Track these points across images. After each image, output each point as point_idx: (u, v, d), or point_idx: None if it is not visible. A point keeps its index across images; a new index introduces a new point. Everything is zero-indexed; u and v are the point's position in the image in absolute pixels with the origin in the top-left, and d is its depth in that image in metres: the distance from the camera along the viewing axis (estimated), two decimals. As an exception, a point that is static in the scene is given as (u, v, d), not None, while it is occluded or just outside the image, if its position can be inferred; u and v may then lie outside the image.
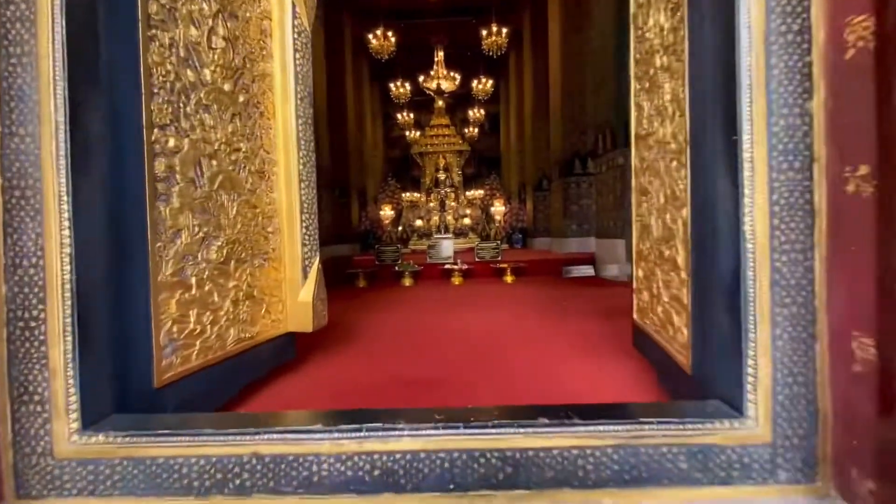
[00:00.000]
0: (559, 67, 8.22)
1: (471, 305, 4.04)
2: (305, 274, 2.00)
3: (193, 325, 1.46)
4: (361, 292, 5.33)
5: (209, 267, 1.53)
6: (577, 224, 8.24)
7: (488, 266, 6.34)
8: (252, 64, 1.79)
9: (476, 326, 3.06)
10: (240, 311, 1.68)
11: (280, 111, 1.94)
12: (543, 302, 4.10)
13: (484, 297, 4.59)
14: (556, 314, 3.43)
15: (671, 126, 1.43)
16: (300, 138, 1.97)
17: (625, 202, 5.48)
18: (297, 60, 1.97)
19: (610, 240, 5.87)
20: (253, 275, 1.76)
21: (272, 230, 1.90)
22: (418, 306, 4.14)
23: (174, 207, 1.40)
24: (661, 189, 1.55)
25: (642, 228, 1.84)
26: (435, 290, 5.29)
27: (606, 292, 4.64)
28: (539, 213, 10.75)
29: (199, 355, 1.48)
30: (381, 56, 10.06)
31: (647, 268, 1.77)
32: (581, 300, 4.11)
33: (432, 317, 3.52)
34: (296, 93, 1.96)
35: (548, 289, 5.10)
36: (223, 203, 1.61)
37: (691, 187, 1.26)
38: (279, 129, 1.94)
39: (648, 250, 1.73)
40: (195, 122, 1.49)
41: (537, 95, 10.48)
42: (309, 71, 2.03)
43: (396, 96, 13.05)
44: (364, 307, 4.07)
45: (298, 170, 1.97)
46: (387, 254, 6.58)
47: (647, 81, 1.72)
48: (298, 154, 1.96)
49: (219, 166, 1.59)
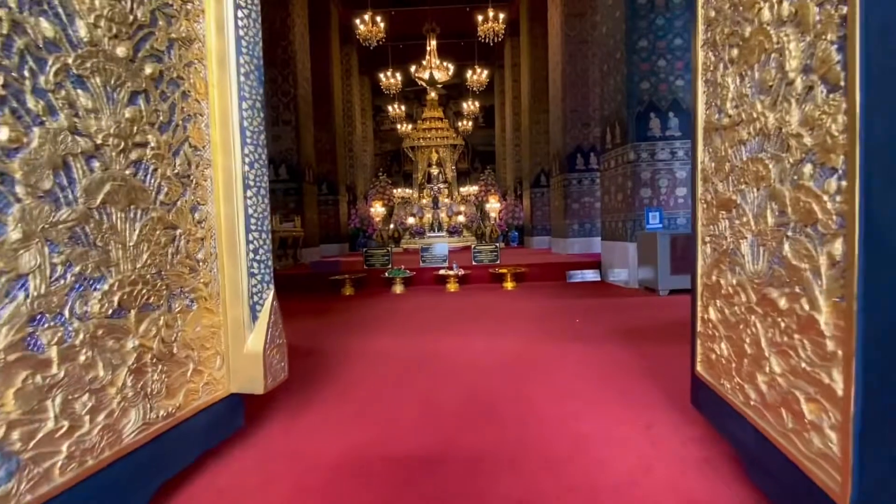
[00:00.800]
0: (560, 55, 7.69)
1: (469, 322, 3.53)
2: (255, 314, 1.47)
3: (55, 422, 0.93)
4: (347, 302, 4.80)
5: (87, 325, 1.00)
6: (578, 224, 7.76)
7: (486, 270, 5.84)
8: (168, 21, 1.25)
9: (478, 356, 2.55)
10: (147, 383, 1.15)
11: (216, 92, 1.40)
12: (552, 316, 3.61)
13: (483, 309, 4.08)
14: (570, 335, 2.93)
15: (800, 110, 0.92)
16: (245, 129, 1.43)
17: (635, 202, 4.99)
18: (241, 21, 1.43)
19: (618, 242, 5.39)
20: (170, 325, 1.23)
21: (203, 258, 1.36)
22: (409, 324, 3.62)
23: (11, 240, 0.86)
24: (769, 203, 1.04)
25: (720, 255, 1.33)
26: (428, 300, 4.77)
27: (619, 303, 4.15)
28: (537, 211, 10.26)
29: (67, 466, 0.95)
30: (370, 43, 9.45)
31: (729, 312, 1.27)
32: (594, 314, 3.61)
33: (425, 341, 3.01)
34: (238, 66, 1.42)
35: (553, 298, 4.60)
36: (114, 225, 1.08)
37: (864, 207, 0.76)
38: (214, 117, 1.40)
39: (734, 288, 1.23)
40: (57, 103, 0.95)
41: (535, 86, 9.95)
42: (258, 36, 1.49)
43: (387, 87, 12.44)
44: (347, 325, 3.54)
45: (243, 172, 1.43)
46: (376, 257, 6.05)
47: (733, 48, 1.20)
48: (243, 150, 1.42)
49: (105, 170, 1.06)
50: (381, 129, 17.00)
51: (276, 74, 7.48)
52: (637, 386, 2.02)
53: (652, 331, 3.05)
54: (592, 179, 7.69)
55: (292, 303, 4.87)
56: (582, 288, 5.35)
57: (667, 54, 4.94)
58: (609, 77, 5.51)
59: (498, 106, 16.15)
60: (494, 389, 2.02)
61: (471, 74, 12.34)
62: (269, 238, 1.50)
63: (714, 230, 1.36)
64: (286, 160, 7.56)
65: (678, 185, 5.00)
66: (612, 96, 5.44)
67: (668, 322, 3.31)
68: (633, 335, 2.94)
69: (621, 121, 5.19)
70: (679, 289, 4.52)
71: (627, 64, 4.98)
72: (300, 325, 3.61)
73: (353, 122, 13.49)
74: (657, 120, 4.97)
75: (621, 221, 5.30)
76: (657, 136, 4.97)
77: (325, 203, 9.99)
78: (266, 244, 1.50)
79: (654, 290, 4.62)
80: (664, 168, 4.98)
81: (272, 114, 7.53)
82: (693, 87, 1.45)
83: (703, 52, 1.40)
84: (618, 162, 5.35)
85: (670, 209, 4.98)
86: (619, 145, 5.30)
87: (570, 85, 7.58)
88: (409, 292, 5.46)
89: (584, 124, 7.60)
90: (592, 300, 4.44)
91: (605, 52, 5.64)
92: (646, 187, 4.98)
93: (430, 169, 13.77)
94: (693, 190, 1.49)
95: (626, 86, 5.01)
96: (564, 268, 5.97)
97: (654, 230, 4.70)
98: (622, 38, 5.07)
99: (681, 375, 1.94)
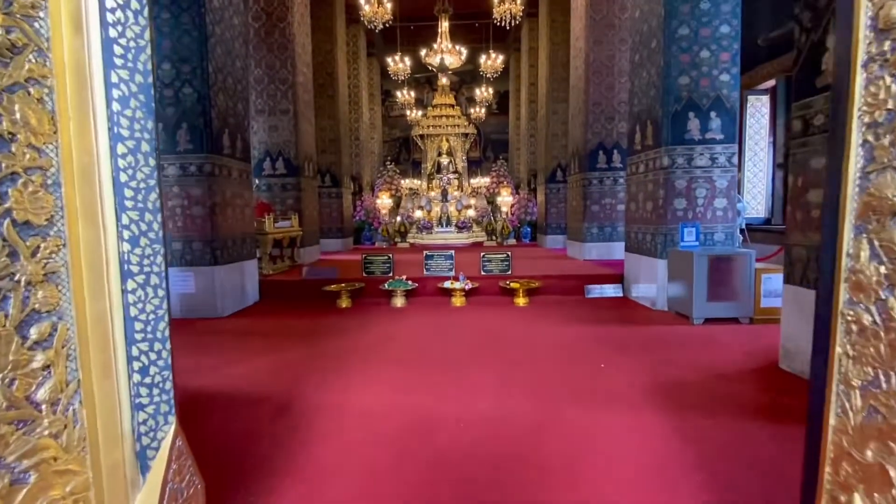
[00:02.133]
0: (583, 41, 6.99)
1: (476, 359, 3.02)
2: (145, 463, 0.98)
3: None
4: (342, 319, 4.33)
5: None
6: (598, 227, 7.16)
7: (496, 283, 5.31)
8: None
9: (484, 429, 2.06)
10: None
11: (72, 128, 0.89)
12: (572, 352, 3.08)
13: (493, 337, 3.57)
14: (597, 390, 2.41)
15: None
16: (125, 185, 0.92)
17: (668, 214, 4.40)
18: (116, 14, 0.90)
19: (645, 257, 4.81)
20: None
21: (47, 397, 0.86)
22: (405, 360, 3.13)
23: None
24: None
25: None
26: (431, 320, 4.27)
27: (649, 335, 3.60)
28: (552, 208, 9.64)
29: None
30: (375, 25, 8.78)
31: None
32: (622, 351, 3.07)
33: (421, 394, 2.52)
34: (109, 85, 0.90)
35: (571, 320, 4.07)
36: None
37: None
38: (70, 169, 0.89)
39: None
40: None
41: (554, 73, 9.22)
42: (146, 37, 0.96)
43: (395, 73, 11.77)
44: (335, 358, 3.04)
45: (121, 253, 0.92)
46: (376, 264, 5.55)
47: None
48: (119, 220, 0.91)
49: None
50: (391, 116, 16.33)
51: (273, 60, 6.91)
52: (707, 496, 1.51)
53: (698, 387, 2.52)
54: (615, 179, 7.06)
55: (281, 318, 4.41)
56: (603, 307, 4.80)
57: (711, 44, 4.28)
58: (641, 69, 4.85)
59: (513, 92, 15.36)
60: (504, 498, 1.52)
61: (485, 59, 11.59)
62: (167, 348, 1.00)
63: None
64: (283, 153, 7.04)
65: (717, 196, 4.39)
66: (644, 91, 4.80)
67: (714, 371, 2.77)
68: (675, 394, 2.41)
69: (654, 120, 4.56)
70: (716, 318, 3.96)
71: (665, 55, 4.33)
72: (280, 359, 3.14)
73: (359, 108, 12.86)
74: (696, 120, 4.33)
75: (650, 234, 4.72)
76: (696, 139, 4.34)
77: (327, 196, 9.48)
78: (164, 357, 0.99)
79: (687, 316, 4.07)
80: (702, 176, 4.37)
81: (269, 103, 6.99)
82: (852, 59, 0.89)
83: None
84: (648, 167, 4.74)
85: (707, 223, 4.38)
86: (650, 148, 4.68)
87: (593, 74, 6.89)
88: (410, 306, 4.97)
89: (609, 118, 6.93)
90: (618, 328, 3.90)
91: (637, 39, 4.97)
92: (680, 198, 4.38)
93: (439, 158, 13.16)
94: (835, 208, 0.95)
95: (662, 80, 4.37)
96: (582, 281, 5.41)
97: (689, 248, 4.12)
98: (659, 25, 4.41)
99: (755, 478, 1.42)
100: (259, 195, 6.92)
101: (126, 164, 0.91)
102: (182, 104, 4.35)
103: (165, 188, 4.43)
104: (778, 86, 7.32)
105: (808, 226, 2.60)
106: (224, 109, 4.66)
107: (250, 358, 3.21)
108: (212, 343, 3.63)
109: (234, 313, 4.71)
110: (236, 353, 3.33)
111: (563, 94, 8.93)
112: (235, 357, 3.24)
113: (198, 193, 4.44)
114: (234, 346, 3.53)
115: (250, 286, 5.19)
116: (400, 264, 6.00)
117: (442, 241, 11.23)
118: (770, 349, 3.12)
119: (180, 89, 4.34)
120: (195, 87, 4.34)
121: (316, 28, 8.51)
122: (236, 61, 4.97)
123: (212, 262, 4.47)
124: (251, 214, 5.36)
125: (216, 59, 4.50)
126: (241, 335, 3.90)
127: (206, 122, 4.39)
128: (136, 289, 0.94)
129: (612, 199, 7.11)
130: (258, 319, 4.51)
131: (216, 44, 4.51)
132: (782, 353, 2.87)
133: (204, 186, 4.43)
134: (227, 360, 3.15)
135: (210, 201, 4.45)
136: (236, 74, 4.95)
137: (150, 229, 0.95)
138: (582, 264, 6.66)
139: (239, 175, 4.99)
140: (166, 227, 0.83)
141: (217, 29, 4.53)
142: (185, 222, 4.44)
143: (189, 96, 4.35)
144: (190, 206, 4.44)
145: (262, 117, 6.98)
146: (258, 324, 4.34)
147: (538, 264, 6.68)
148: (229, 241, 4.74)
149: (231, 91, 4.82)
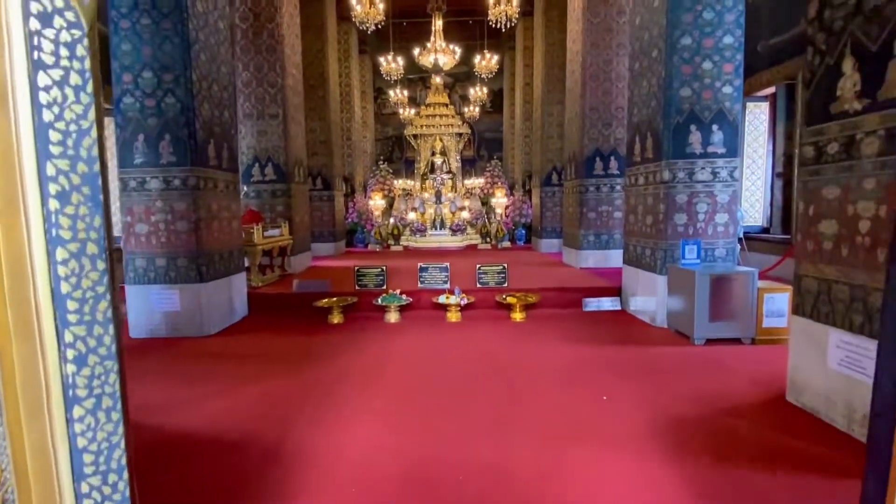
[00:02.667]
0: (580, 44, 6.83)
1: (471, 391, 2.90)
2: None
3: None
4: (332, 338, 4.18)
5: None
6: (595, 235, 7.05)
7: (491, 296, 5.19)
8: None
9: (487, 482, 1.94)
10: None
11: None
12: (573, 379, 2.97)
13: (489, 362, 3.44)
14: (601, 430, 2.30)
15: None
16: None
17: (668, 230, 4.29)
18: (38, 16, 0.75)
19: (644, 272, 4.71)
20: None
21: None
22: (396, 391, 3.00)
23: None
24: None
25: None
26: (425, 341, 4.14)
27: (650, 357, 3.49)
28: (547, 211, 9.52)
29: None
30: (367, 25, 8.55)
31: None
32: (624, 377, 2.95)
33: (416, 438, 2.39)
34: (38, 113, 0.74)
35: (570, 339, 3.96)
36: None
37: None
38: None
39: None
40: None
41: (550, 74, 9.07)
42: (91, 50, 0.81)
43: (388, 72, 11.54)
44: (323, 387, 2.89)
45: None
46: (369, 277, 5.40)
47: None
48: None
49: None
50: (383, 113, 16.07)
51: (261, 62, 6.67)
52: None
53: (706, 425, 2.41)
54: (612, 186, 6.95)
55: (270, 336, 4.24)
56: (601, 321, 4.70)
57: (714, 55, 4.15)
58: (641, 78, 4.72)
59: (507, 90, 15.18)
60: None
61: (479, 60, 11.39)
62: (124, 478, 0.85)
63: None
64: (273, 158, 6.84)
65: (718, 211, 4.28)
66: (644, 101, 4.67)
67: (720, 404, 2.67)
68: (683, 435, 2.31)
69: (655, 132, 4.44)
70: (718, 338, 3.87)
71: (666, 65, 4.20)
72: (268, 389, 2.99)
73: (351, 107, 12.62)
74: (698, 133, 4.22)
75: (650, 249, 4.61)
76: (697, 152, 4.23)
77: (318, 199, 9.28)
78: (120, 489, 0.85)
79: (687, 336, 3.97)
80: (703, 191, 4.26)
81: (257, 107, 6.76)
82: None
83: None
84: (648, 180, 4.63)
85: (708, 238, 4.29)
86: (650, 160, 4.56)
87: (590, 79, 6.75)
88: (405, 321, 4.84)
89: (606, 124, 6.80)
90: (618, 349, 3.79)
91: (637, 47, 4.83)
92: (681, 213, 4.27)
93: (433, 158, 12.97)
94: None
95: (663, 91, 4.24)
96: (580, 293, 5.31)
97: (690, 267, 4.02)
98: (661, 34, 4.27)
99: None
100: (248, 202, 6.72)
101: (68, 271, 0.76)
102: (164, 115, 4.15)
103: (148, 202, 4.24)
104: (777, 93, 7.22)
105: (821, 258, 2.50)
106: (209, 119, 4.46)
107: (235, 387, 3.06)
108: (195, 369, 3.47)
109: (221, 331, 4.54)
110: (221, 382, 3.17)
111: (559, 95, 8.79)
112: (219, 387, 3.08)
113: (182, 208, 4.25)
114: (219, 373, 3.37)
115: (238, 301, 5.02)
116: (393, 273, 5.86)
117: (436, 244, 11.09)
118: (776, 377, 3.03)
119: (162, 99, 4.14)
120: (178, 96, 4.14)
121: (306, 27, 8.27)
122: (222, 67, 4.75)
123: (197, 279, 4.29)
124: (239, 227, 5.17)
125: (200, 67, 4.30)
126: (228, 358, 3.74)
127: (191, 134, 4.19)
128: (85, 415, 0.80)
129: (609, 206, 7.00)
130: (246, 338, 4.35)
131: (200, 50, 4.30)
132: (790, 386, 2.78)
133: (188, 200, 4.25)
134: (211, 392, 3.00)
135: (195, 216, 4.27)
136: (222, 81, 4.75)
137: (99, 344, 0.80)
138: (578, 273, 6.56)
139: (225, 186, 4.80)
140: (123, 336, 0.67)
141: (201, 35, 4.32)
142: (170, 238, 4.26)
143: (172, 106, 4.14)
144: (174, 220, 4.25)
145: (251, 122, 6.76)
146: (246, 344, 4.18)
147: (534, 273, 6.56)
148: (216, 255, 4.56)
149: (216, 99, 4.62)
